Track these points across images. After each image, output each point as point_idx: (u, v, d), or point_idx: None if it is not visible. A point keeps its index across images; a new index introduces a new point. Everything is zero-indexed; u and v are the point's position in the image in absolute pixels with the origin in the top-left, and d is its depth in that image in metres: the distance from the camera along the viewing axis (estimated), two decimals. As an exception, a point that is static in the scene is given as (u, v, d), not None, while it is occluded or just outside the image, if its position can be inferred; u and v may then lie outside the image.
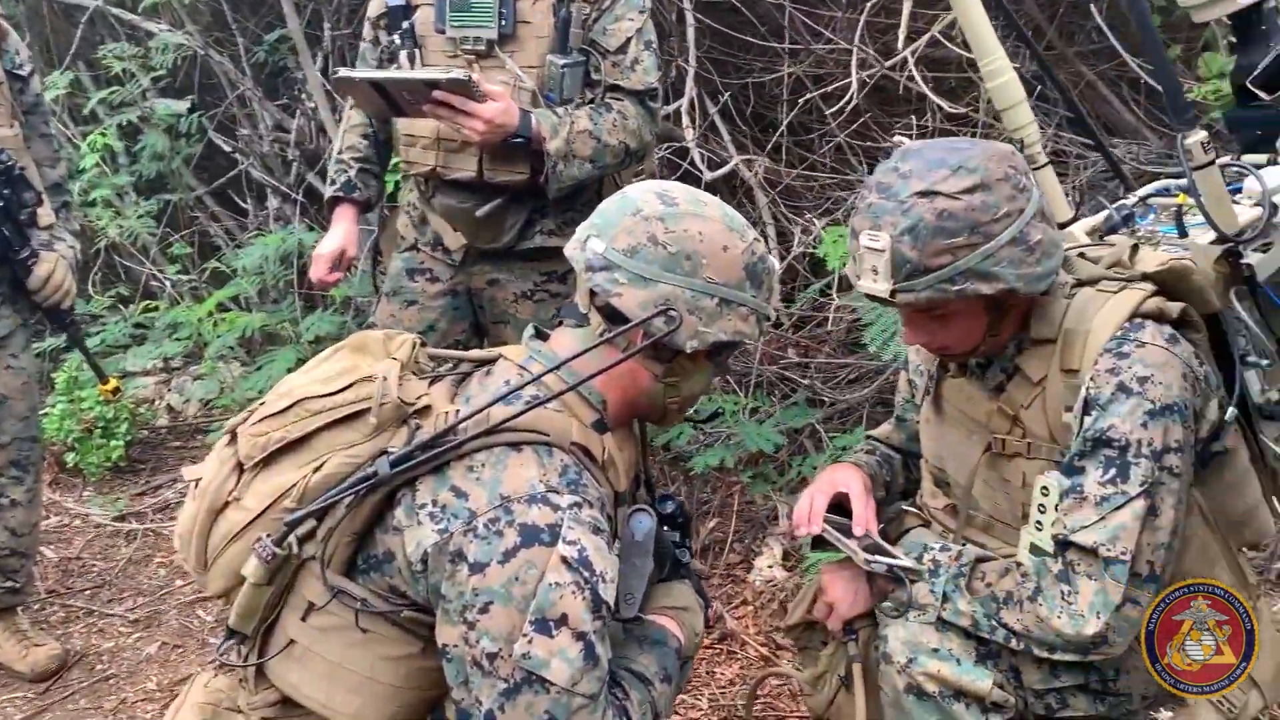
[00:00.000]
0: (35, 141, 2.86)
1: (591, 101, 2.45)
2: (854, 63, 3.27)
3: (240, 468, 1.61)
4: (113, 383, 3.20)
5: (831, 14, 3.64)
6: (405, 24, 2.47)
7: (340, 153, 2.66)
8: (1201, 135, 1.70)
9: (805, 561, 2.90)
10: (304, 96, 4.40)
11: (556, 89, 2.41)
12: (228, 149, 4.64)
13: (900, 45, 3.22)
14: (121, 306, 4.58)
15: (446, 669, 1.50)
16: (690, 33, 3.66)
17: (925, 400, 1.92)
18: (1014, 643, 1.65)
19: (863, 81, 3.24)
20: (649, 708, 1.59)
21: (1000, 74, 1.90)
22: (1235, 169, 1.85)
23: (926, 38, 3.18)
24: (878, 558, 1.74)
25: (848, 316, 3.45)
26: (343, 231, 2.62)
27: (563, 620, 1.44)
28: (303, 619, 1.57)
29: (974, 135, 3.23)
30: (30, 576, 3.02)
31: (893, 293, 1.61)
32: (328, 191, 2.67)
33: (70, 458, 3.98)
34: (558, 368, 1.59)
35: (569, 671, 1.43)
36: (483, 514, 1.46)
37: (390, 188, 3.20)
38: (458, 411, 1.56)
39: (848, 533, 1.82)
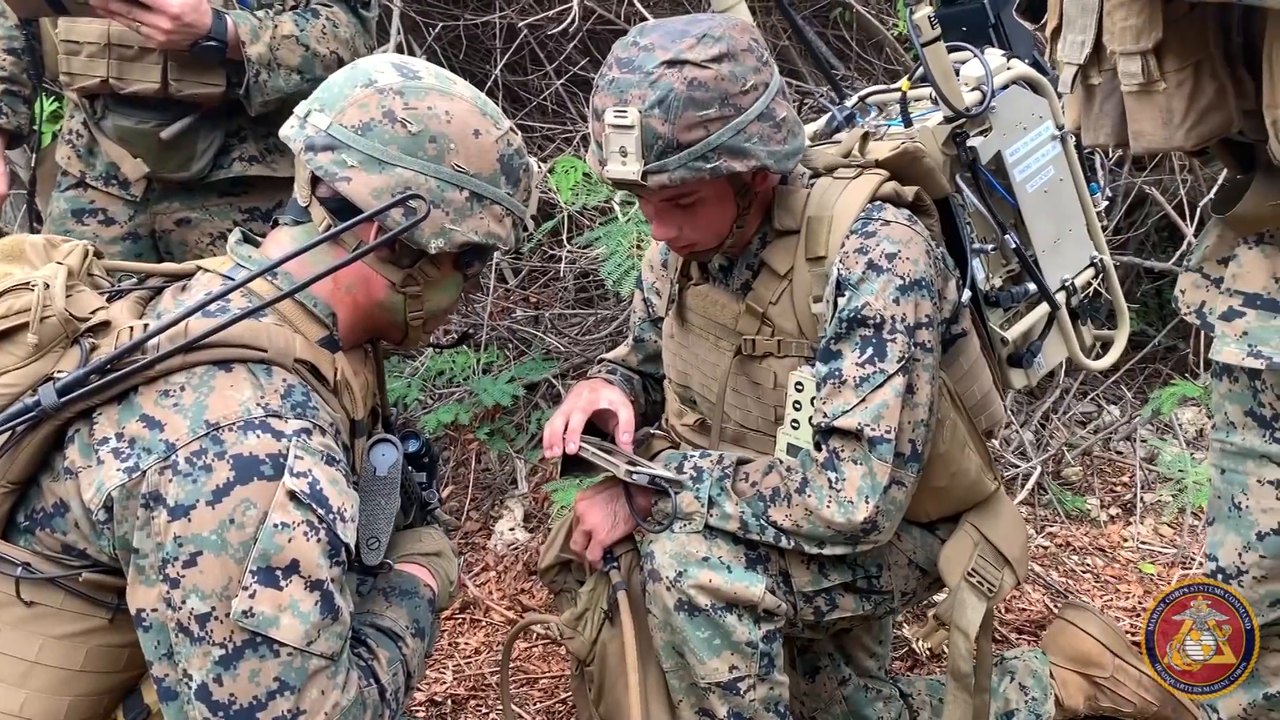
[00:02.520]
0: None
1: (295, 7, 2.17)
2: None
3: None
4: None
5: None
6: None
7: (-22, 69, 2.22)
8: (928, 9, 1.70)
9: (554, 501, 2.74)
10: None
11: (253, -9, 2.11)
12: None
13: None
14: None
15: (143, 639, 1.21)
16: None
17: (669, 314, 1.83)
18: (784, 541, 1.58)
19: (586, 8, 3.10)
20: (400, 666, 1.37)
21: None
22: (960, 52, 1.88)
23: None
24: (639, 468, 1.61)
25: (580, 269, 3.32)
26: (-12, 165, 2.19)
27: (293, 568, 1.19)
28: (-54, 594, 1.24)
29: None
30: None
31: (644, 175, 1.49)
32: (-36, 119, 2.22)
33: None
34: (270, 270, 1.32)
35: (302, 628, 1.19)
36: (184, 446, 1.19)
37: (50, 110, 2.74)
38: (145, 327, 1.27)
39: (604, 450, 1.67)
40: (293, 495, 1.20)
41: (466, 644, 2.59)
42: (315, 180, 1.35)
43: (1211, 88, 1.19)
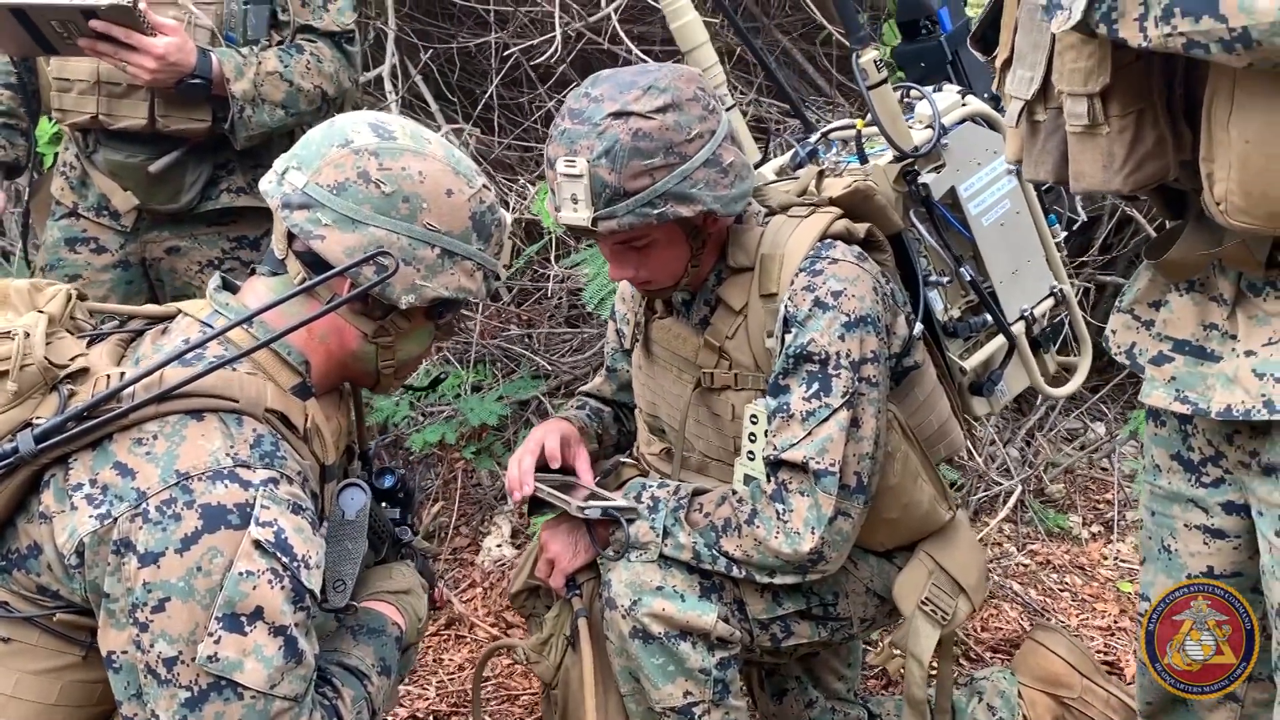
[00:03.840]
0: None
1: (281, 43, 2.23)
2: (557, 21, 3.18)
3: None
4: None
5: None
6: (50, -49, 2.14)
7: (-29, 102, 2.28)
8: (875, 54, 1.75)
9: (531, 528, 2.80)
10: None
11: (239, 28, 2.19)
12: None
13: (602, 3, 3.16)
14: None
15: (114, 680, 1.27)
16: (390, -2, 3.46)
17: (636, 347, 1.89)
18: (735, 570, 1.63)
19: (567, 36, 3.16)
20: (364, 705, 1.42)
21: (682, 15, 1.87)
22: (911, 93, 1.93)
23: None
24: (592, 503, 1.67)
25: (568, 286, 3.37)
26: (-16, 196, 2.26)
27: (257, 614, 1.25)
28: (-77, 632, 1.30)
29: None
30: None
31: (594, 221, 1.56)
32: (-39, 151, 2.29)
33: None
34: (247, 320, 1.38)
35: (266, 672, 1.24)
36: (155, 494, 1.25)
37: (45, 141, 2.80)
38: (122, 375, 1.33)
39: (562, 487, 1.73)
40: (258, 544, 1.25)
41: (450, 660, 2.65)
42: (291, 235, 1.41)
43: (1152, 136, 1.23)
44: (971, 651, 2.69)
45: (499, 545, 3.02)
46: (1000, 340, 1.98)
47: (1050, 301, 2.05)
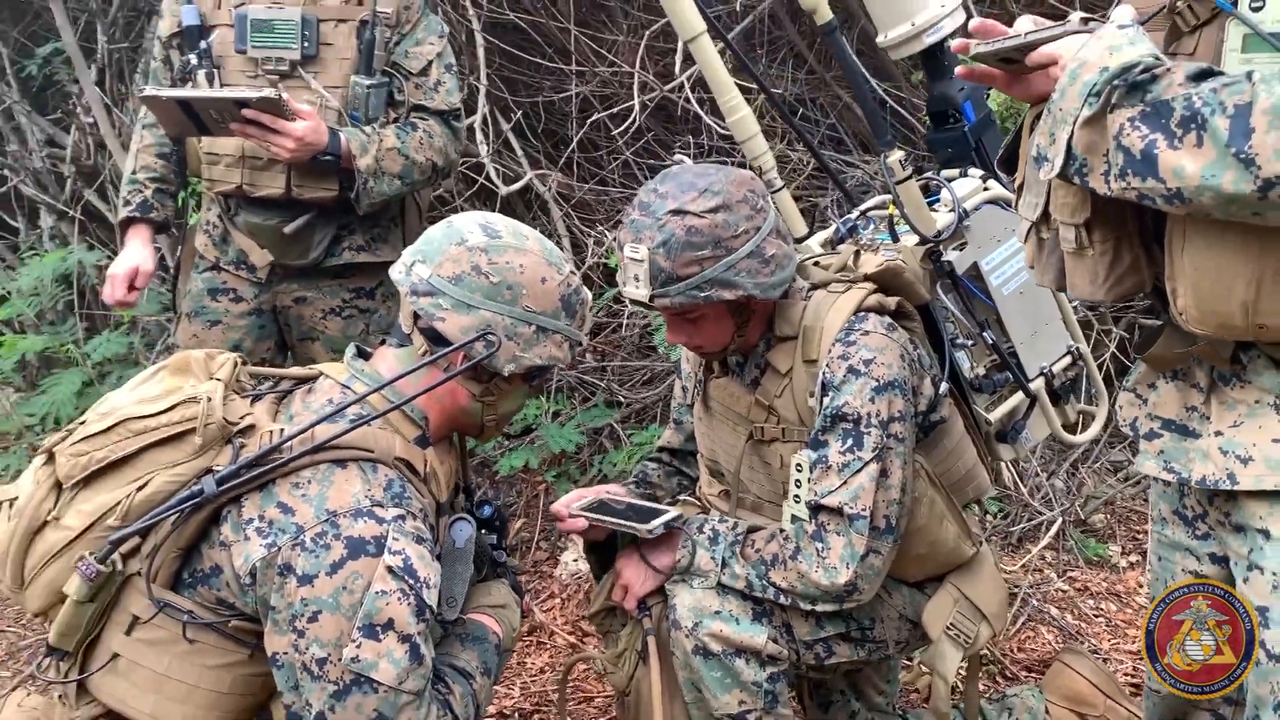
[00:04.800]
0: None
1: (397, 121, 2.55)
2: (636, 85, 3.47)
3: (59, 487, 1.63)
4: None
5: (614, 37, 3.85)
6: (203, 44, 2.49)
7: (134, 173, 2.64)
8: (899, 154, 2.01)
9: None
10: (79, 111, 4.25)
11: (362, 108, 2.50)
12: (-5, 165, 4.42)
13: (677, 70, 3.44)
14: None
15: (277, 675, 1.58)
16: (480, 51, 3.78)
17: (697, 402, 2.15)
18: (782, 599, 1.88)
19: (644, 104, 3.45)
20: (470, 700, 1.72)
21: (737, 110, 2.14)
22: (935, 182, 2.18)
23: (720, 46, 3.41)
24: (654, 521, 1.92)
25: (640, 322, 3.65)
26: (137, 251, 2.60)
27: (389, 625, 1.55)
28: (127, 633, 1.62)
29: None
30: None
31: (651, 298, 1.84)
32: (122, 213, 2.65)
33: None
34: (382, 388, 1.69)
35: (395, 671, 1.54)
36: (310, 529, 1.55)
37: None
38: (281, 430, 1.64)
39: (623, 514, 1.99)
40: (390, 569, 1.55)
41: (533, 664, 2.95)
42: (416, 314, 1.72)
43: (1129, 258, 1.47)
44: (1007, 670, 2.91)
45: (575, 560, 3.31)
46: (1021, 394, 2.22)
47: (1068, 359, 2.28)
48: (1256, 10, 1.23)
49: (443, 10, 3.70)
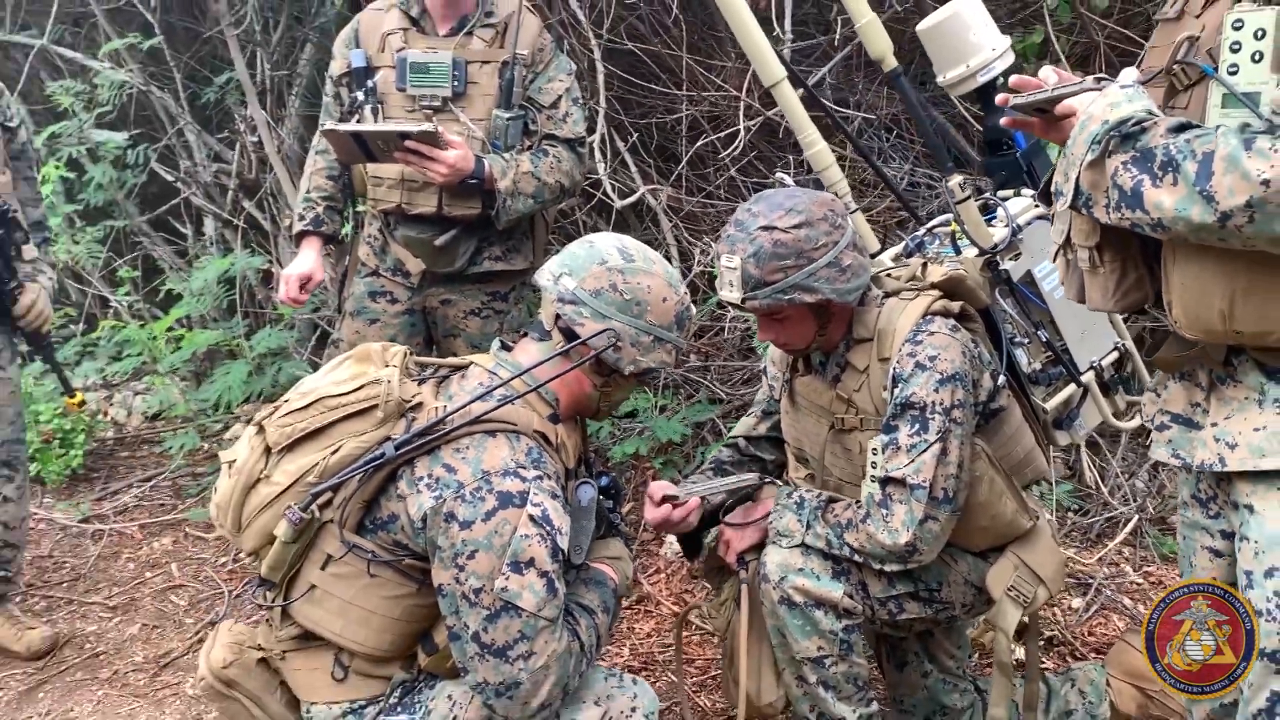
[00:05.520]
0: (21, 185, 3.20)
1: (530, 148, 2.93)
2: (741, 109, 3.81)
3: (268, 451, 2.05)
4: (79, 396, 3.54)
5: (723, 63, 4.19)
6: (369, 83, 2.92)
7: (309, 192, 3.08)
8: (959, 178, 2.31)
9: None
10: (245, 131, 4.77)
11: (501, 138, 2.89)
12: (170, 178, 4.97)
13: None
14: (71, 325, 4.87)
15: (441, 603, 1.96)
16: (600, 78, 4.16)
17: (783, 396, 2.46)
18: (856, 557, 2.19)
19: (748, 128, 3.78)
20: (593, 631, 2.08)
21: (814, 145, 2.45)
22: (992, 201, 2.47)
23: (800, 90, 3.73)
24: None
25: (741, 325, 3.98)
26: (309, 259, 3.03)
27: (530, 563, 1.91)
28: (322, 568, 2.01)
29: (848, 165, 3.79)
30: (20, 567, 3.36)
31: (743, 300, 2.16)
32: (297, 226, 3.08)
33: (31, 467, 4.27)
34: (523, 374, 2.07)
35: (535, 600, 1.91)
36: (468, 484, 1.93)
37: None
38: (443, 407, 2.03)
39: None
40: (532, 518, 1.92)
41: (640, 629, 3.31)
42: (558, 316, 2.09)
43: (1133, 275, 1.74)
44: (1077, 651, 3.15)
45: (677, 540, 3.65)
46: (1074, 386, 2.49)
47: (1115, 354, 2.53)
48: (1232, 74, 1.51)
49: (568, 41, 4.10)
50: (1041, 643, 3.13)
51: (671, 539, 3.65)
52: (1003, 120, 1.85)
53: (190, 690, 3.08)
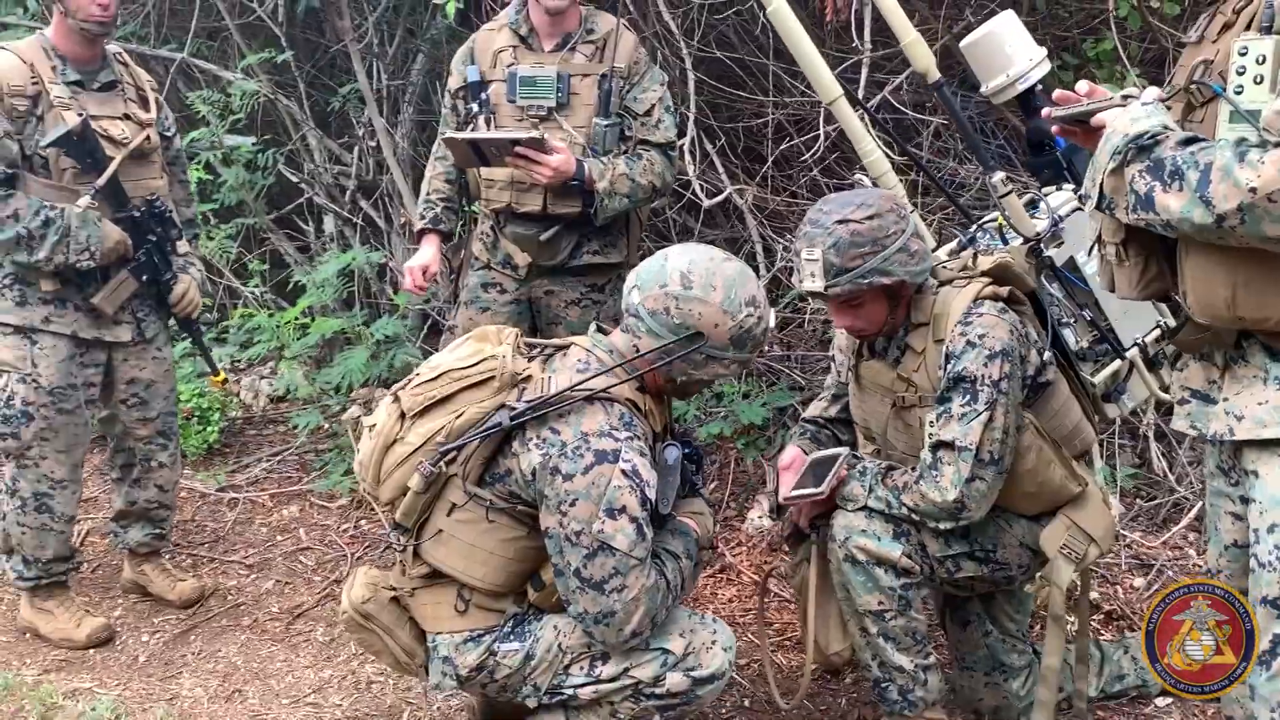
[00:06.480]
0: (175, 187, 3.59)
1: (626, 152, 3.24)
2: (822, 114, 4.06)
3: (403, 416, 2.39)
4: (222, 375, 3.95)
5: (807, 70, 4.44)
6: (483, 95, 3.26)
7: (428, 194, 3.44)
8: (1001, 174, 2.54)
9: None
10: (364, 136, 5.18)
11: (600, 143, 3.20)
12: (294, 180, 5.40)
13: (860, 96, 4.01)
14: (207, 315, 5.33)
15: (548, 544, 2.28)
16: (691, 85, 4.44)
17: (850, 380, 2.71)
18: (914, 516, 2.43)
19: (828, 133, 4.04)
20: (677, 574, 2.37)
21: (870, 154, 2.72)
22: (1035, 196, 2.70)
23: (878, 99, 3.98)
24: (823, 485, 2.50)
25: (820, 317, 4.24)
26: (429, 253, 3.39)
27: (623, 510, 2.22)
28: (448, 515, 2.35)
29: (914, 174, 4.01)
30: (171, 527, 3.79)
31: (825, 287, 2.40)
32: (418, 224, 3.45)
33: (173, 441, 4.73)
34: (620, 366, 2.35)
35: (628, 542, 2.21)
36: (570, 444, 2.24)
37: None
38: (549, 378, 2.34)
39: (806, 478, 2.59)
40: (624, 472, 2.22)
41: (722, 594, 3.59)
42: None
43: (1155, 268, 1.96)
44: (1134, 625, 3.34)
45: (759, 517, 3.91)
46: (1119, 362, 2.70)
47: (1157, 331, 2.72)
48: (1238, 94, 1.74)
49: (661, 52, 4.40)
50: (1100, 616, 3.34)
51: (753, 517, 3.94)
52: (1054, 129, 2.09)
53: (320, 637, 3.46)
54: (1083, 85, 2.03)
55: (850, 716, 2.95)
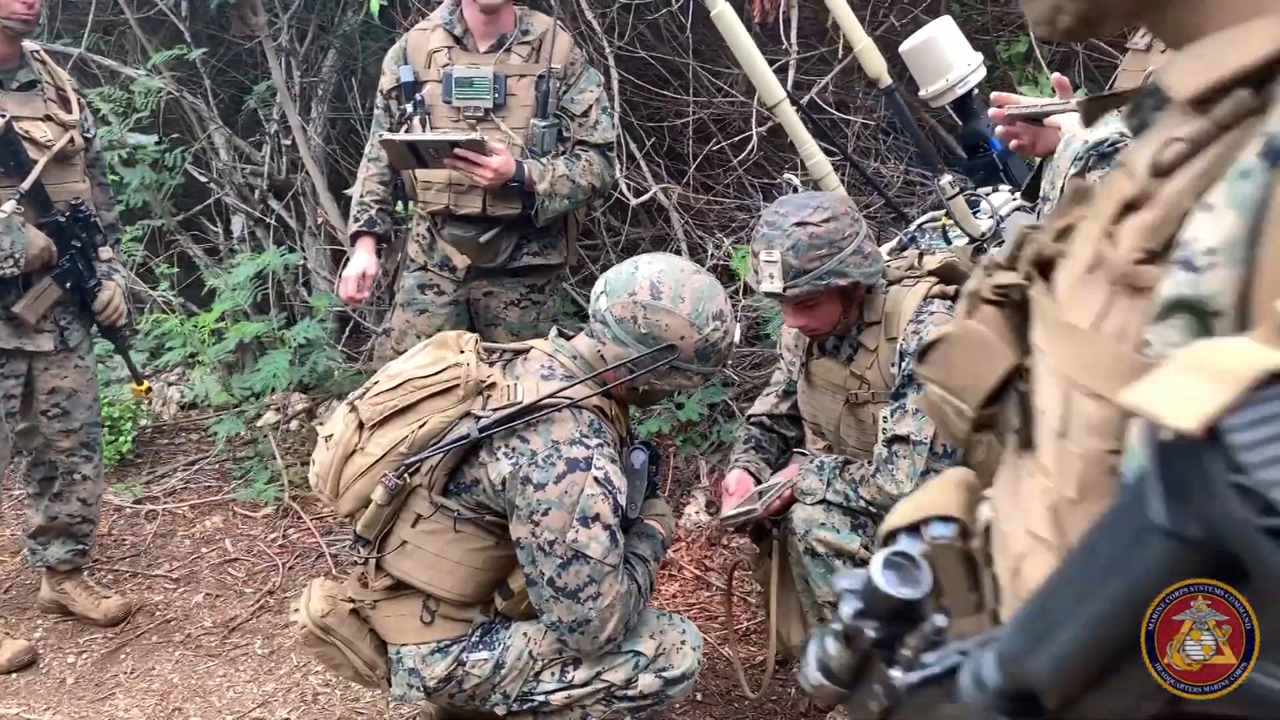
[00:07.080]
0: (95, 190, 3.45)
1: (564, 153, 3.24)
2: (753, 115, 4.12)
3: (361, 427, 2.35)
4: (146, 384, 3.82)
5: (730, 70, 4.50)
6: (417, 96, 3.21)
7: (362, 197, 3.37)
8: (949, 177, 2.65)
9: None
10: (278, 134, 5.05)
11: (538, 144, 3.19)
12: (202, 179, 5.24)
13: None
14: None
15: (519, 554, 2.27)
16: (615, 85, 4.45)
17: (800, 378, 2.77)
18: (871, 509, 2.51)
19: (760, 135, 4.10)
20: (645, 576, 2.39)
21: (813, 156, 2.80)
22: (975, 197, 2.81)
23: (807, 98, 4.05)
24: (762, 499, 2.60)
25: (749, 315, 4.30)
26: (365, 258, 3.33)
27: (596, 518, 2.23)
28: (412, 526, 2.32)
29: (843, 172, 4.11)
30: (94, 541, 3.65)
31: (785, 289, 2.45)
32: (352, 227, 3.38)
33: (84, 452, 4.54)
34: (589, 379, 2.35)
35: (601, 550, 2.22)
36: (541, 452, 2.23)
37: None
38: (512, 385, 2.32)
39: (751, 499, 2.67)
40: (596, 479, 2.23)
41: (665, 590, 3.62)
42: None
43: None
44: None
45: (697, 512, 3.97)
46: None
47: None
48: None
49: (585, 50, 4.39)
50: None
51: (690, 512, 3.98)
52: (999, 130, 2.17)
53: (259, 650, 3.38)
54: (1025, 91, 2.11)
55: (801, 704, 3.01)
